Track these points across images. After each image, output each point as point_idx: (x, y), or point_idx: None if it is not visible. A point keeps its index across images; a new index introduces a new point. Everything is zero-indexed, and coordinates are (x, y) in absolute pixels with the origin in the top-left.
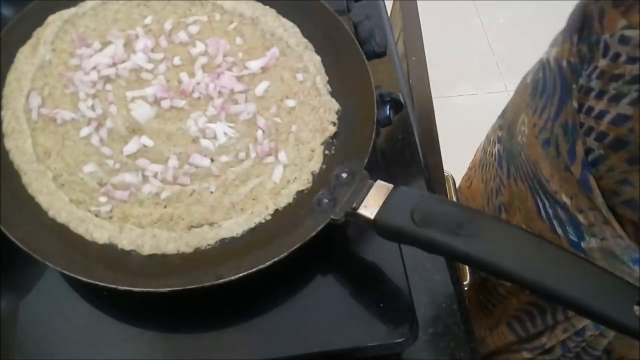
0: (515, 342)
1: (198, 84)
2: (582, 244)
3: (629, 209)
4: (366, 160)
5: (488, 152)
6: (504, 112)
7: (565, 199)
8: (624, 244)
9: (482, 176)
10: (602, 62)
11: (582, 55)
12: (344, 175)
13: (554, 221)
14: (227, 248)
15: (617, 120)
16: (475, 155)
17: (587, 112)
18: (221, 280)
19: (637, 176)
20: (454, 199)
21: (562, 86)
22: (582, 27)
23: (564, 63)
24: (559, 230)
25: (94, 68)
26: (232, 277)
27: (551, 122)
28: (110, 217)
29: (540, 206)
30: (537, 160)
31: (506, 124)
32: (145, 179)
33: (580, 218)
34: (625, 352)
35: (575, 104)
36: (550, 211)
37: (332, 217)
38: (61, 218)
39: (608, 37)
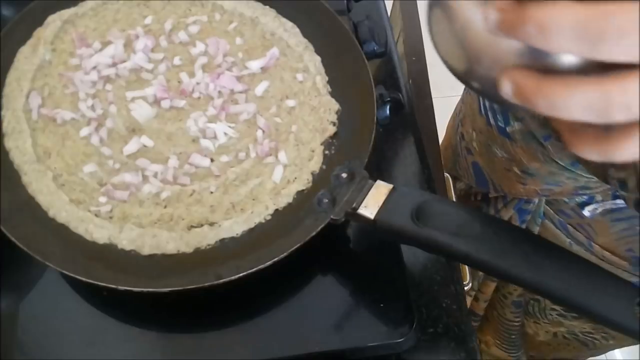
0: None
1: (198, 84)
2: (508, 129)
3: None
4: (366, 160)
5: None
6: None
7: None
8: (537, 122)
9: (457, 109)
10: None
11: None
12: (344, 175)
13: (489, 113)
14: (227, 248)
15: None
16: None
17: None
18: (221, 280)
19: None
20: (454, 199)
21: None
22: None
23: None
24: (492, 120)
25: (94, 68)
26: (232, 277)
27: None
28: (110, 217)
29: (481, 103)
30: None
31: None
32: (145, 179)
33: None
34: None
35: None
36: (487, 105)
37: (332, 217)
38: (61, 218)
39: None
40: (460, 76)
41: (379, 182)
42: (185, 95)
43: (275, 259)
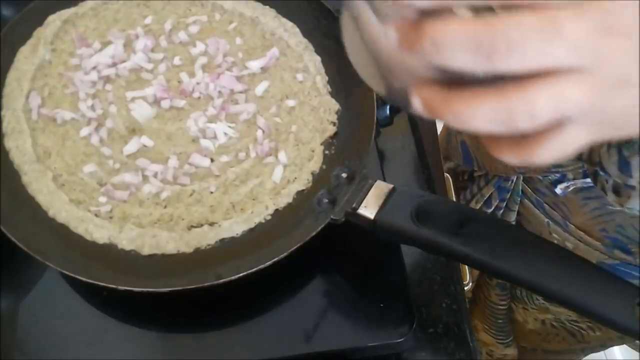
0: None
1: (198, 84)
2: None
3: None
4: (366, 160)
5: None
6: None
7: None
8: None
9: None
10: None
11: None
12: (344, 175)
13: None
14: (227, 248)
15: None
16: None
17: None
18: (221, 280)
19: None
20: (454, 199)
21: None
22: None
23: None
24: None
25: (94, 68)
26: (232, 277)
27: None
28: (110, 217)
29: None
30: None
31: None
32: (145, 179)
33: None
34: None
35: None
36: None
37: (332, 217)
38: (61, 218)
39: None
40: (370, 83)
41: (379, 182)
42: (185, 95)
43: (275, 259)
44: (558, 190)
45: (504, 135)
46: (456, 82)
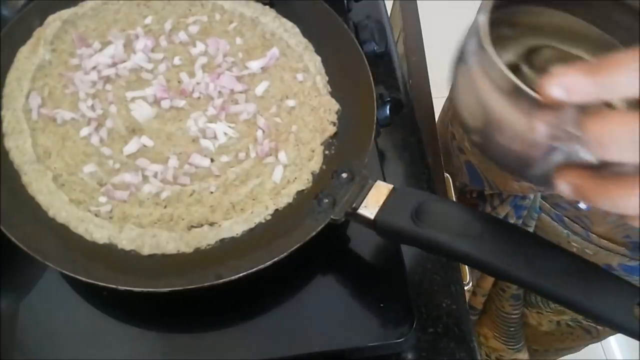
0: None
1: (198, 84)
2: None
3: None
4: (366, 160)
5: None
6: None
7: None
8: None
9: (445, 107)
10: None
11: None
12: (344, 175)
13: None
14: (227, 248)
15: None
16: None
17: None
18: (221, 280)
19: None
20: (454, 199)
21: None
22: None
23: None
24: None
25: (94, 68)
26: (232, 277)
27: None
28: (110, 217)
29: None
30: None
31: None
32: (145, 179)
33: None
34: None
35: None
36: None
37: (332, 217)
38: (61, 218)
39: None
40: (471, 132)
41: (379, 182)
42: (185, 95)
43: (275, 259)
44: (582, 205)
45: None
46: (605, 166)
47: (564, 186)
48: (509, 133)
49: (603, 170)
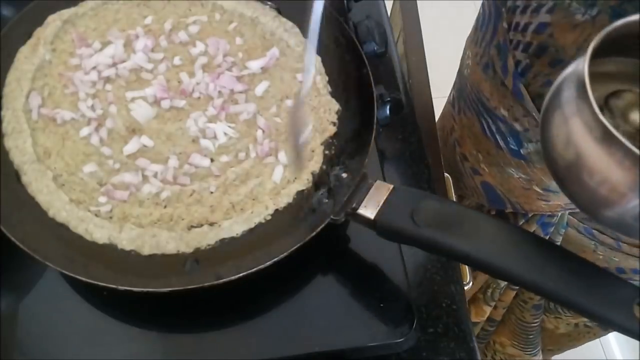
0: None
1: (198, 84)
2: (522, 151)
3: None
4: (366, 160)
5: (446, 103)
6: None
7: (503, 112)
8: None
9: (441, 125)
10: None
11: None
12: (344, 175)
13: (497, 135)
14: (227, 248)
15: (538, 28)
16: None
17: (515, 28)
18: (221, 280)
19: (558, 75)
20: (454, 199)
21: (495, 12)
22: None
23: None
24: (502, 143)
25: (94, 68)
26: (232, 277)
27: (488, 47)
28: (110, 217)
29: (485, 125)
30: (479, 83)
31: (458, 72)
32: (145, 179)
33: (517, 126)
34: None
35: (505, 24)
36: (493, 127)
37: (332, 217)
38: (61, 218)
39: None
40: (559, 173)
41: (379, 182)
42: (185, 95)
43: (275, 259)
44: None
45: None
46: None
47: None
48: (598, 178)
49: None
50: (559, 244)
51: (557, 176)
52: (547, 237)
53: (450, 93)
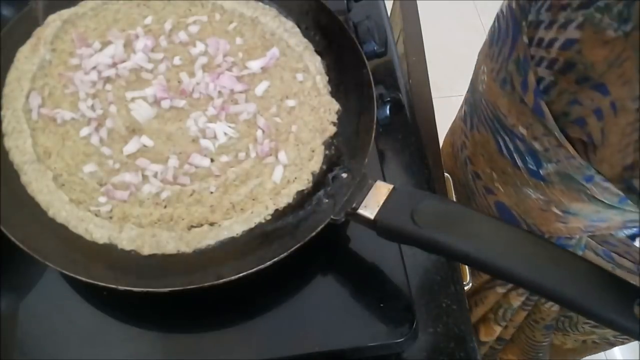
0: (488, 279)
1: (198, 84)
2: (541, 171)
3: (578, 127)
4: (366, 160)
5: (456, 118)
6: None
7: (522, 130)
8: (576, 163)
9: (450, 141)
10: None
11: None
12: (344, 175)
13: (514, 154)
14: (227, 248)
15: (565, 45)
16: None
17: (538, 43)
18: (221, 280)
19: (585, 94)
20: (454, 199)
21: (513, 26)
22: None
23: (514, 5)
24: (519, 162)
25: (94, 68)
26: (232, 277)
27: (506, 62)
28: (110, 217)
29: (501, 143)
30: (496, 100)
31: (471, 85)
32: (145, 178)
33: (537, 145)
34: None
35: (525, 39)
36: (510, 146)
37: (332, 217)
38: (61, 218)
39: None
40: None
41: (379, 182)
42: (185, 95)
43: (275, 259)
44: (636, 243)
45: None
46: None
47: None
48: None
49: None
50: None
51: None
52: None
53: (461, 109)
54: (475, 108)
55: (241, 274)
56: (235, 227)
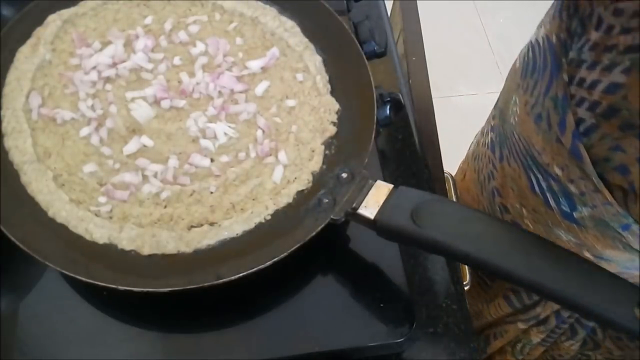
0: (510, 314)
1: (198, 84)
2: (575, 214)
3: (618, 174)
4: (366, 160)
5: (481, 143)
6: (496, 102)
7: (557, 170)
8: (613, 210)
9: (475, 167)
10: (595, 35)
11: (572, 30)
12: (344, 175)
13: (547, 194)
14: (227, 248)
15: (610, 88)
16: (468, 150)
17: (579, 83)
18: (221, 280)
19: (629, 142)
20: (454, 199)
21: (552, 61)
22: (570, 4)
23: (554, 39)
24: (552, 203)
25: (94, 68)
26: (232, 277)
27: (542, 97)
28: (110, 217)
29: (534, 181)
30: (530, 135)
31: (498, 111)
32: (145, 178)
33: (572, 188)
34: None
35: (565, 77)
36: (543, 184)
37: (332, 217)
38: (61, 218)
39: (602, 10)
40: None
41: (379, 182)
42: (185, 95)
43: (275, 259)
44: None
45: None
46: None
47: None
48: None
49: None
50: None
51: None
52: None
53: (486, 135)
54: (506, 139)
55: (241, 274)
56: (235, 227)
